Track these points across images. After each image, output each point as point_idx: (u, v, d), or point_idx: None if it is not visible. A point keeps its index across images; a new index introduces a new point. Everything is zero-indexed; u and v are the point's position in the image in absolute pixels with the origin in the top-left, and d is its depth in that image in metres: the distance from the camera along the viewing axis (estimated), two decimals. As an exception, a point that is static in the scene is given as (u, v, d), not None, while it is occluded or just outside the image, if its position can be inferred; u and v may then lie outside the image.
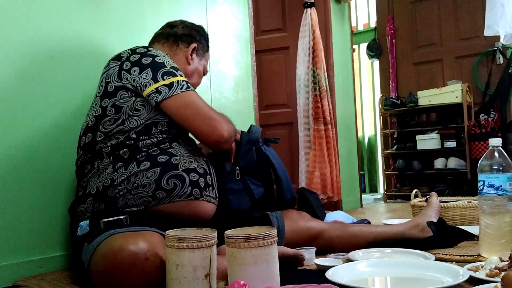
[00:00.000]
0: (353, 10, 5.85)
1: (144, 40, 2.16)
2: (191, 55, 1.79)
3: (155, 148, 1.48)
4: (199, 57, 1.84)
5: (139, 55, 1.53)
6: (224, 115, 1.58)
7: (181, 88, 1.49)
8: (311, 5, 3.51)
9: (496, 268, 1.23)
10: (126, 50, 1.58)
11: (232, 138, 1.60)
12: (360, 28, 6.29)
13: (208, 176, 1.54)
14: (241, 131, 1.82)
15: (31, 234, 1.68)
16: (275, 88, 3.83)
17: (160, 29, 1.85)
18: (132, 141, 1.48)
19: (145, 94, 1.48)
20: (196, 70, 1.82)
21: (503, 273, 1.10)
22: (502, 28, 3.33)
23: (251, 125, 1.87)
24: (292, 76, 3.69)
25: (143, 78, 1.48)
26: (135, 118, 1.49)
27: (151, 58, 1.52)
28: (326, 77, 3.49)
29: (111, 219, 1.33)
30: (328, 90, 3.50)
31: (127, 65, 1.52)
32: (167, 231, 1.15)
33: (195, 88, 1.82)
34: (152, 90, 1.47)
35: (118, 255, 1.17)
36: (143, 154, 1.47)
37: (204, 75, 1.91)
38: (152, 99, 1.48)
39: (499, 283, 1.04)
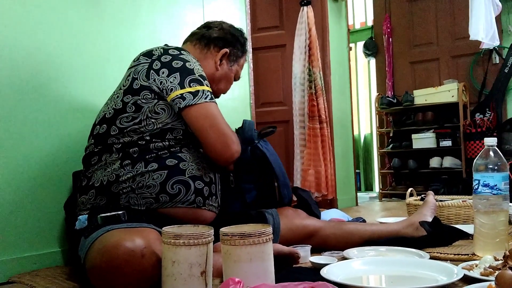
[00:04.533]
0: (350, 8, 5.85)
1: (140, 36, 2.15)
2: (221, 61, 1.75)
3: (165, 151, 1.47)
4: (231, 63, 1.79)
5: (170, 57, 1.51)
6: (234, 133, 1.57)
7: (205, 98, 1.47)
8: (307, 3, 3.51)
9: (490, 267, 1.24)
10: (158, 48, 1.56)
11: (238, 155, 1.57)
12: (357, 26, 6.30)
13: (213, 185, 1.54)
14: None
15: (25, 230, 1.67)
16: (271, 86, 3.83)
17: (198, 28, 1.82)
18: (144, 142, 1.47)
19: (170, 99, 1.46)
20: (224, 76, 1.78)
21: (497, 272, 1.11)
22: (481, 34, 3.46)
23: (243, 121, 1.86)
24: (289, 74, 3.69)
25: (170, 82, 1.47)
26: (153, 120, 1.48)
27: (182, 63, 1.50)
28: (322, 75, 3.49)
29: (108, 214, 1.33)
30: (324, 89, 3.50)
31: (156, 65, 1.50)
32: (163, 228, 1.14)
33: (223, 94, 1.83)
34: (177, 96, 1.45)
35: (114, 252, 1.17)
36: (152, 155, 1.46)
37: (235, 80, 1.85)
38: (176, 105, 1.46)
39: (493, 282, 1.04)
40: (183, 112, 1.47)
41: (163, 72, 1.48)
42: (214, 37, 1.76)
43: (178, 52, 1.54)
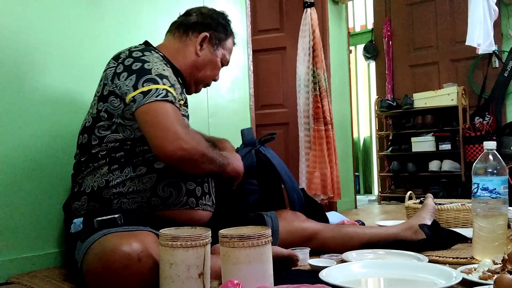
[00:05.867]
0: (350, 11, 5.85)
1: (141, 36, 2.15)
2: (202, 46, 1.67)
3: (152, 154, 1.44)
4: (214, 47, 1.70)
5: (132, 60, 1.46)
6: (189, 131, 1.43)
7: (157, 96, 1.36)
8: (311, 5, 3.51)
9: (489, 270, 1.24)
10: (125, 50, 1.52)
11: (196, 158, 1.39)
12: (357, 29, 6.30)
13: (205, 184, 1.52)
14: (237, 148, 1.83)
15: (24, 231, 1.67)
16: (271, 88, 3.83)
17: (178, 17, 1.76)
18: (129, 146, 1.46)
19: (127, 103, 1.40)
20: (208, 62, 1.70)
21: (496, 276, 1.11)
22: (476, 41, 3.51)
23: (241, 130, 1.85)
24: (289, 76, 3.69)
25: (126, 86, 1.41)
26: (128, 127, 1.45)
27: (141, 64, 1.44)
28: (326, 77, 3.49)
29: (104, 218, 1.32)
30: (328, 90, 3.50)
31: (120, 68, 1.46)
32: (161, 230, 1.14)
33: (214, 80, 1.75)
34: (130, 99, 1.38)
35: (111, 256, 1.17)
36: (140, 158, 1.44)
37: (224, 65, 1.77)
38: (131, 109, 1.39)
39: (492, 285, 1.04)
40: (135, 115, 1.38)
41: (123, 76, 1.43)
42: (192, 23, 1.69)
43: (141, 54, 1.48)
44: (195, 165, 1.41)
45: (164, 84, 1.41)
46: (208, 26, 1.69)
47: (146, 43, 1.69)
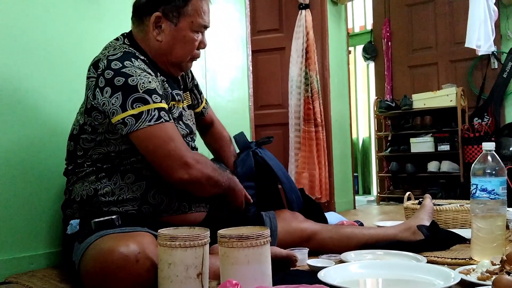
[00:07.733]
0: (350, 12, 5.86)
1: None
2: (160, 28, 1.50)
3: (140, 163, 1.44)
4: (173, 22, 1.49)
5: (112, 72, 1.36)
6: (190, 153, 1.38)
7: (150, 121, 1.33)
8: (305, 6, 3.51)
9: (487, 271, 1.24)
10: (103, 57, 1.42)
11: (202, 181, 1.39)
12: (356, 30, 6.30)
13: None
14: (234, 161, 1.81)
15: (22, 231, 1.67)
16: (270, 88, 3.83)
17: None
18: (114, 158, 1.44)
19: (113, 122, 1.36)
20: (175, 42, 1.51)
21: (494, 277, 1.11)
22: (475, 42, 3.52)
23: (233, 137, 1.86)
24: (288, 76, 3.69)
25: (112, 104, 1.34)
26: (112, 141, 1.43)
27: (124, 79, 1.35)
28: (318, 79, 3.50)
29: (102, 219, 1.32)
30: (320, 92, 3.51)
31: (101, 82, 1.37)
32: (159, 230, 1.14)
33: (202, 48, 1.59)
34: (118, 121, 1.34)
35: (109, 258, 1.16)
36: (127, 166, 1.44)
37: (201, 31, 1.55)
38: (119, 131, 1.36)
39: (490, 286, 1.04)
40: (129, 137, 1.36)
41: (106, 92, 1.36)
42: (142, 4, 1.51)
43: (121, 65, 1.38)
44: (201, 189, 1.42)
45: (154, 102, 1.35)
46: (158, 1, 1.49)
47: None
